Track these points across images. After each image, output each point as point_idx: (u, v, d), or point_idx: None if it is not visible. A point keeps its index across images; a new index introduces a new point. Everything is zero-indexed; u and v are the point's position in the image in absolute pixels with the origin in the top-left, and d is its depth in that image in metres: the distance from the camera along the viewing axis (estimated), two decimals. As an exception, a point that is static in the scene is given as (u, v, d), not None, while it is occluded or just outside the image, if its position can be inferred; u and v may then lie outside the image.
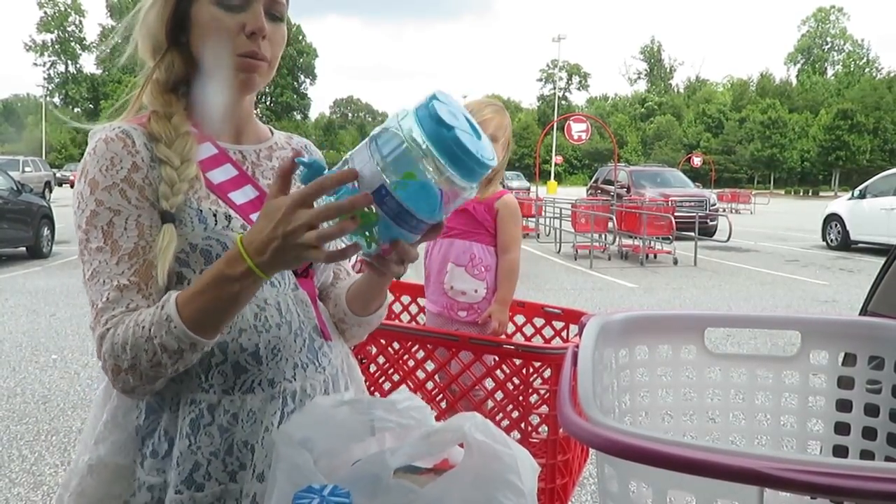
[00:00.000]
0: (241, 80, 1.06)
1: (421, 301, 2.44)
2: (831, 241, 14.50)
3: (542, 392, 1.75)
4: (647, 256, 12.08)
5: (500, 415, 1.79)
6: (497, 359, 1.74)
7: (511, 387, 1.77)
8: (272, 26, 1.06)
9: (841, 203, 14.61)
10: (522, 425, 1.72)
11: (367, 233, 0.86)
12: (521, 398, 1.73)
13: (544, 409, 1.74)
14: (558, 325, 2.23)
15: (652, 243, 12.32)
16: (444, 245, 2.28)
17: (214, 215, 1.02)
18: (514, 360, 1.71)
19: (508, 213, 2.29)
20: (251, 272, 0.87)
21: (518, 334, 2.29)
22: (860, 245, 13.83)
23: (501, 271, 2.29)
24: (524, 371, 1.71)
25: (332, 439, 0.93)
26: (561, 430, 1.67)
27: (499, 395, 1.79)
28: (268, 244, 0.85)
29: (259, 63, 1.05)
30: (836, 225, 14.36)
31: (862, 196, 13.73)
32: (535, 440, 1.75)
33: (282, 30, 1.08)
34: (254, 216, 1.07)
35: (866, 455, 1.15)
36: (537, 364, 1.74)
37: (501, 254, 2.30)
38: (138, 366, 0.93)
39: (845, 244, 14.01)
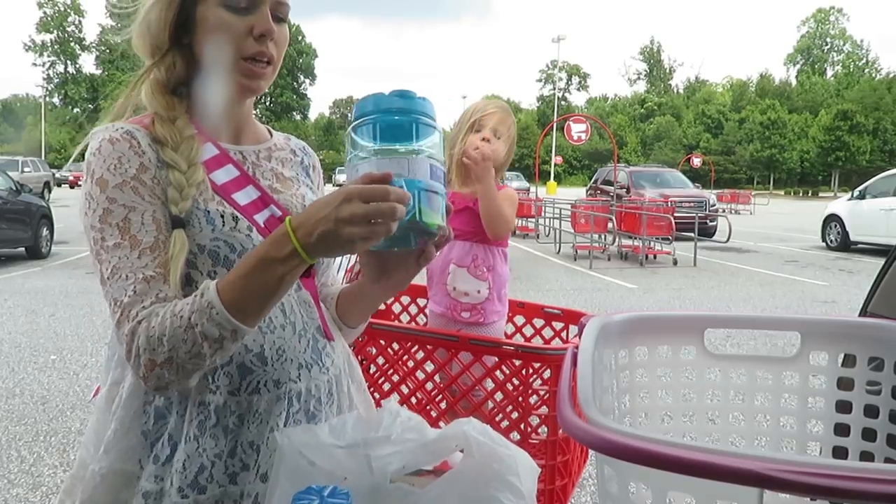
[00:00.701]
0: (246, 84, 1.06)
1: (421, 301, 2.44)
2: (831, 241, 14.49)
3: (542, 393, 1.75)
4: (646, 257, 12.07)
5: (500, 416, 1.78)
6: (497, 359, 1.73)
7: (511, 388, 1.76)
8: (276, 27, 1.06)
9: (840, 204, 14.61)
10: (522, 426, 1.72)
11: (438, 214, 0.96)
12: (520, 399, 1.72)
13: (544, 409, 1.74)
14: (558, 325, 2.23)
15: (651, 244, 12.32)
16: (445, 246, 2.26)
17: (222, 216, 1.02)
18: (514, 360, 1.71)
19: (506, 197, 2.28)
20: (297, 254, 0.87)
21: (518, 335, 2.28)
22: (860, 246, 13.83)
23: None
24: (523, 372, 1.71)
25: (331, 468, 0.93)
26: (560, 431, 1.67)
27: (498, 395, 1.79)
28: (317, 226, 0.86)
29: (264, 68, 1.06)
30: (835, 226, 14.35)
31: (861, 197, 13.73)
32: (534, 441, 1.75)
33: (285, 31, 1.09)
34: (257, 217, 1.07)
35: (866, 456, 1.15)
36: (537, 365, 1.74)
37: None
38: (175, 358, 0.90)
39: (845, 245, 14.00)
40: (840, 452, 1.18)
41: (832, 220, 14.48)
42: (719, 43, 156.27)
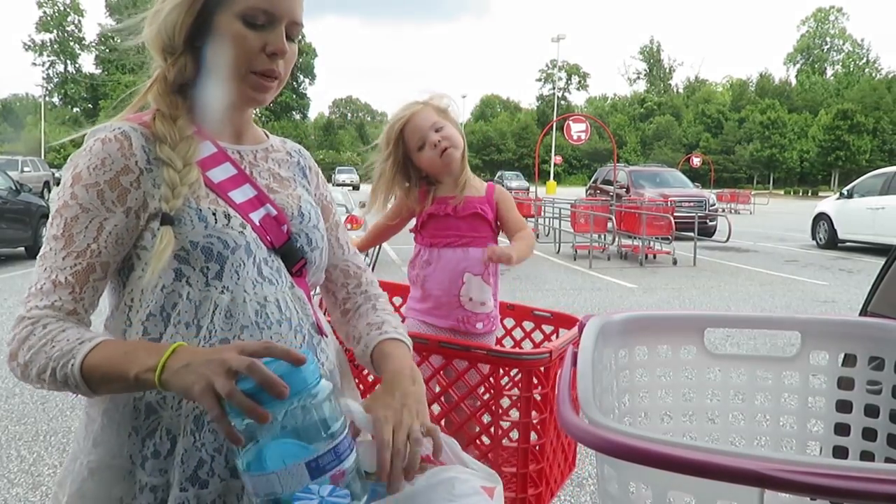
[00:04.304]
0: (252, 95, 1.09)
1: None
2: (820, 239, 14.72)
3: (514, 398, 1.70)
4: (646, 257, 12.07)
5: (471, 420, 1.73)
6: (466, 363, 1.68)
7: (482, 391, 1.72)
8: (287, 46, 1.08)
9: (830, 202, 14.85)
10: (492, 430, 1.68)
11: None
12: (491, 404, 1.66)
13: (516, 415, 1.69)
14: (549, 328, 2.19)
15: (651, 243, 12.31)
16: (456, 254, 2.07)
17: (214, 214, 1.04)
18: (485, 364, 1.67)
19: (506, 198, 2.21)
20: (151, 381, 0.90)
21: (507, 338, 2.26)
22: (848, 244, 14.03)
23: (518, 236, 2.15)
24: (495, 375, 1.67)
25: None
26: (534, 438, 1.64)
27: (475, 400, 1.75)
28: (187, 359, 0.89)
29: (271, 83, 1.08)
30: (824, 224, 14.58)
31: (849, 196, 13.97)
32: (508, 446, 1.68)
33: (294, 49, 1.11)
34: (252, 215, 1.08)
35: (866, 456, 1.15)
36: (509, 369, 1.68)
37: (514, 233, 2.17)
38: (27, 368, 0.97)
39: (833, 243, 14.23)
40: (840, 452, 1.18)
41: (821, 218, 14.70)
42: (719, 42, 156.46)
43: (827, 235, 14.42)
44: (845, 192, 14.23)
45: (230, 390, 0.83)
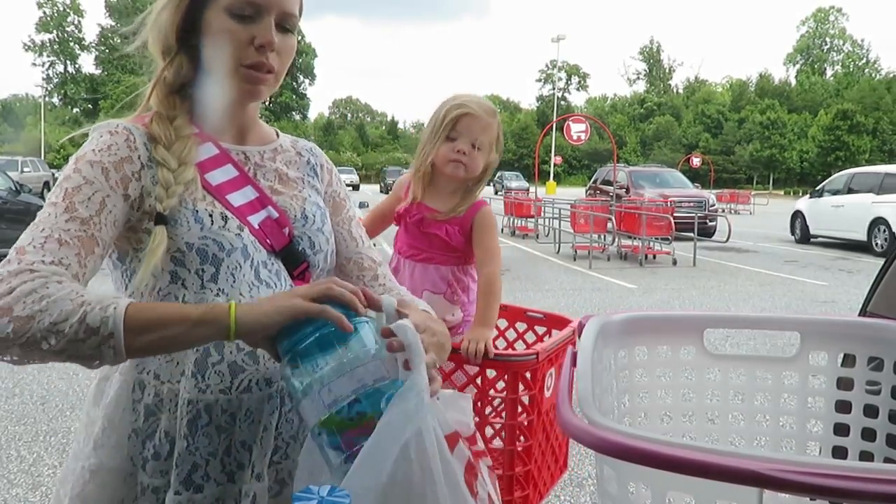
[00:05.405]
0: (247, 90, 1.08)
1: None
2: (796, 236, 16.10)
3: (497, 403, 1.69)
4: (646, 257, 12.07)
5: None
6: (453, 365, 1.67)
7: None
8: (281, 38, 1.07)
9: (804, 201, 16.28)
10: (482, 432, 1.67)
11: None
12: (478, 404, 1.65)
13: (504, 417, 1.68)
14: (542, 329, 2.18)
15: (651, 244, 12.31)
16: (416, 269, 2.01)
17: (210, 215, 1.03)
18: (471, 366, 1.66)
19: (485, 224, 2.04)
20: (227, 329, 0.89)
21: (500, 339, 2.25)
22: (819, 239, 15.25)
23: (480, 288, 1.97)
24: (482, 377, 1.67)
25: None
26: (521, 441, 1.64)
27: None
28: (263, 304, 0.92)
29: (265, 76, 1.07)
30: (799, 221, 15.99)
31: (820, 194, 15.22)
32: (495, 448, 1.68)
33: (291, 41, 1.10)
34: (252, 218, 1.07)
35: (865, 456, 1.15)
36: (495, 372, 1.68)
37: (479, 268, 2.02)
38: (30, 322, 0.82)
39: (805, 238, 15.58)
40: (839, 452, 1.18)
41: (797, 215, 16.13)
42: (719, 43, 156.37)
43: (801, 232, 15.80)
44: (817, 191, 15.51)
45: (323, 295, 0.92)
